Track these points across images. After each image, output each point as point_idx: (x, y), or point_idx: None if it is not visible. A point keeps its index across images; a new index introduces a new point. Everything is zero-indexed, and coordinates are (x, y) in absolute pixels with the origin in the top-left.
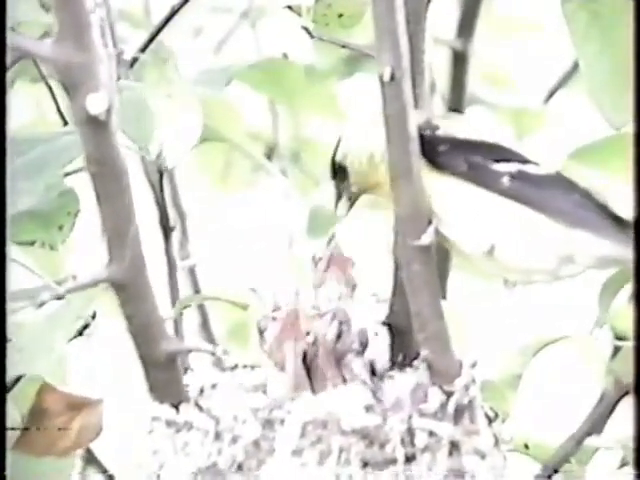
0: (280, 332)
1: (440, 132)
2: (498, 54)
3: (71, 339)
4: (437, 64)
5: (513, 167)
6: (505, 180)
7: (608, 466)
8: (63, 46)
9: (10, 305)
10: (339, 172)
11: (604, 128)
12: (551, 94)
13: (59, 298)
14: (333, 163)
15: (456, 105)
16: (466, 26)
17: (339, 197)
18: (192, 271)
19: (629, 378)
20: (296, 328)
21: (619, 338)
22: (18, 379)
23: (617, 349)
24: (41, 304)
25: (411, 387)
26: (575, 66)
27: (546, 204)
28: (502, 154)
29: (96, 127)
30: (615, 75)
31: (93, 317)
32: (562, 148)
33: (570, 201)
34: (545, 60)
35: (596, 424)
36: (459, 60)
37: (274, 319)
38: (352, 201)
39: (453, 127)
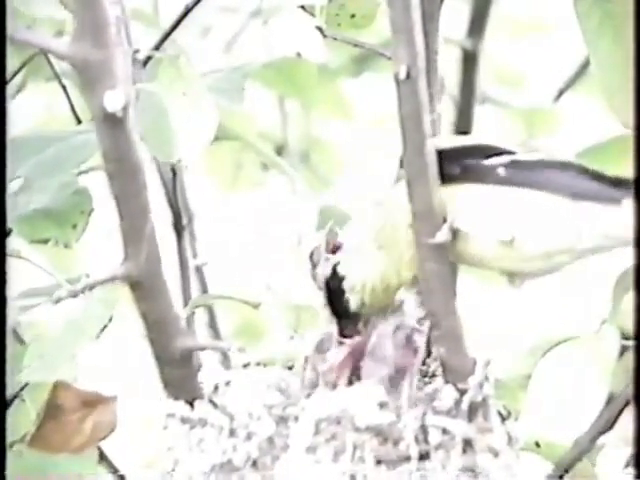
0: (345, 358)
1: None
2: (508, 53)
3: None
4: (447, 64)
5: (504, 159)
6: (500, 170)
7: (615, 465)
8: (81, 43)
9: (24, 302)
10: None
11: (612, 127)
12: (560, 93)
13: (75, 295)
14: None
15: (466, 104)
16: (476, 26)
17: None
18: (199, 270)
19: None
20: (359, 355)
21: (626, 338)
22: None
23: (624, 348)
24: (58, 301)
25: (391, 330)
26: (584, 66)
27: (546, 182)
28: (491, 150)
29: (113, 125)
30: (627, 74)
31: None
32: (571, 147)
33: (568, 175)
34: (554, 59)
35: (608, 423)
36: (469, 60)
37: (341, 343)
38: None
39: (440, 141)
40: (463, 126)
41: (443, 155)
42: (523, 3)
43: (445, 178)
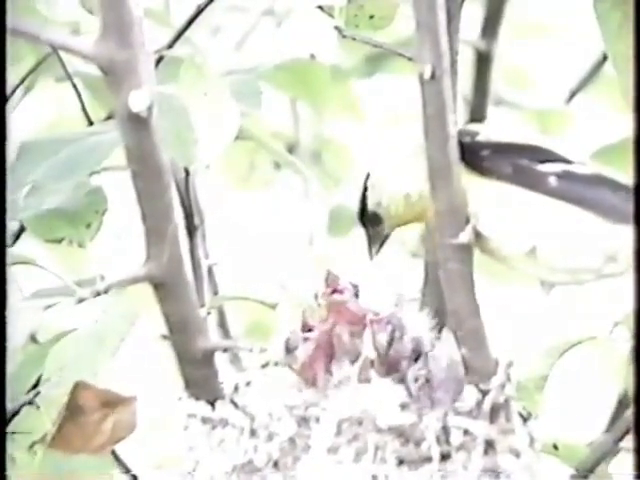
0: (313, 352)
1: (480, 137)
2: (520, 55)
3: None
4: (461, 65)
5: (558, 167)
6: (552, 180)
7: (630, 467)
8: (107, 43)
9: (40, 302)
10: (371, 219)
11: (624, 128)
12: (572, 95)
13: (98, 295)
14: (363, 213)
15: (479, 105)
16: (490, 27)
17: (371, 240)
18: (210, 270)
19: None
20: (329, 347)
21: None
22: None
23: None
24: (81, 300)
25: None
26: (596, 67)
27: (595, 202)
28: (546, 155)
29: (138, 124)
30: None
31: None
32: (585, 148)
33: (618, 197)
34: (566, 61)
35: (627, 425)
36: (483, 61)
37: (306, 339)
38: (384, 240)
39: (493, 132)
40: None
41: (496, 148)
42: (536, 5)
43: (492, 173)
